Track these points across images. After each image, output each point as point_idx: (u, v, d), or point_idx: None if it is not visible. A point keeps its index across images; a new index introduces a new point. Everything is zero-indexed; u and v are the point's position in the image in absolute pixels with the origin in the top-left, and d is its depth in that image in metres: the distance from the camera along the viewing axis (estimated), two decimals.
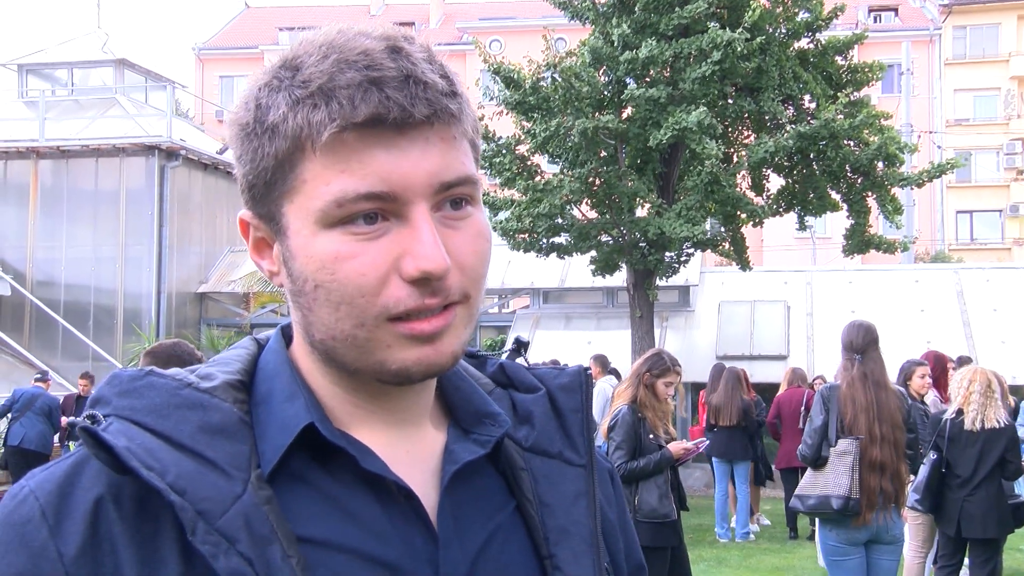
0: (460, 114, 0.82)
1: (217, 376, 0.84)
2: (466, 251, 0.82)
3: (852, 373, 4.90)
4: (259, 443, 0.81)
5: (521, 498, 0.90)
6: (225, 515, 0.75)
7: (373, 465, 0.82)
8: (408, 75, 0.78)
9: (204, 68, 41.57)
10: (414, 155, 0.79)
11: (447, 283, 0.80)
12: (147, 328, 16.31)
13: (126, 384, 0.82)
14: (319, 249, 0.80)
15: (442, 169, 0.80)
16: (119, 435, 0.77)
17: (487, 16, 40.04)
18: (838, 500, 4.79)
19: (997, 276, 15.69)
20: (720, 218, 13.71)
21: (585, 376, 0.99)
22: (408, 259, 0.79)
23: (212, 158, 18.09)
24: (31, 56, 20.14)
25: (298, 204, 0.80)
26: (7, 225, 17.28)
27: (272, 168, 0.81)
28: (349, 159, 0.78)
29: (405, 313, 0.80)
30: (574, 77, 12.37)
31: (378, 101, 0.77)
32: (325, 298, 0.80)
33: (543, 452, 0.93)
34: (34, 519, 0.76)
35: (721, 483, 10.22)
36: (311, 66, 0.79)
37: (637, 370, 5.61)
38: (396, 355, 0.81)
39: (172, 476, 0.76)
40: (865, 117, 12.92)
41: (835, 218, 17.23)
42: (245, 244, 0.89)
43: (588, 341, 14.88)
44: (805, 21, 13.46)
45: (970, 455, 6.04)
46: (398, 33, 0.82)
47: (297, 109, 0.78)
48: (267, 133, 0.80)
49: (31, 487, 0.78)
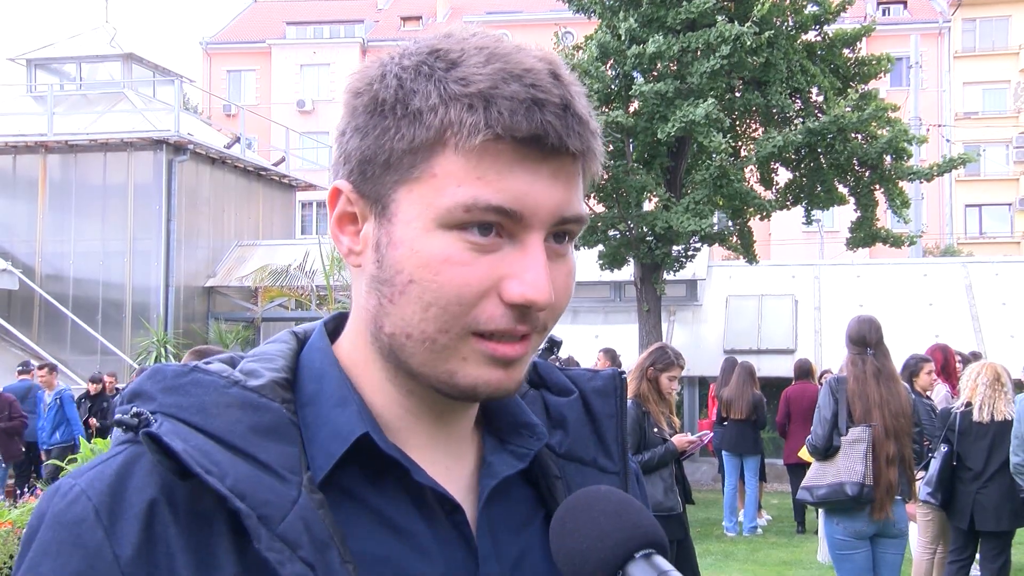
0: (598, 155, 0.81)
1: (263, 374, 0.82)
2: (560, 285, 0.81)
3: (865, 368, 4.89)
4: (308, 447, 0.79)
5: (554, 507, 0.86)
6: (285, 520, 0.74)
7: (425, 479, 0.81)
8: (567, 105, 0.78)
9: (211, 62, 41.59)
10: (551, 183, 0.78)
11: (539, 313, 0.79)
12: (155, 322, 16.36)
13: (171, 380, 0.80)
14: (430, 247, 0.77)
15: (566, 204, 0.79)
16: (174, 436, 0.75)
17: (494, 10, 39.98)
18: (853, 486, 4.76)
19: (1006, 270, 15.63)
20: (728, 212, 13.69)
21: (620, 380, 0.97)
22: (514, 282, 0.77)
23: (220, 152, 18.13)
24: (39, 51, 20.18)
25: (418, 195, 0.78)
26: (16, 219, 17.34)
27: (401, 152, 0.78)
28: (490, 169, 0.76)
29: (492, 332, 0.78)
30: (584, 74, 12.34)
31: (540, 123, 0.76)
32: (417, 295, 0.78)
33: (577, 459, 0.91)
34: (88, 519, 0.73)
35: (731, 477, 10.20)
36: (472, 67, 0.77)
37: (641, 364, 5.62)
38: (470, 370, 0.79)
39: (231, 480, 0.74)
40: (874, 110, 12.87)
41: (843, 212, 17.18)
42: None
43: (596, 335, 14.87)
44: (813, 14, 13.40)
45: (981, 448, 6.04)
46: (556, 58, 0.81)
47: (450, 104, 0.76)
48: (408, 116, 0.77)
49: (82, 486, 0.75)
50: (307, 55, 39.96)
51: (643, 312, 13.70)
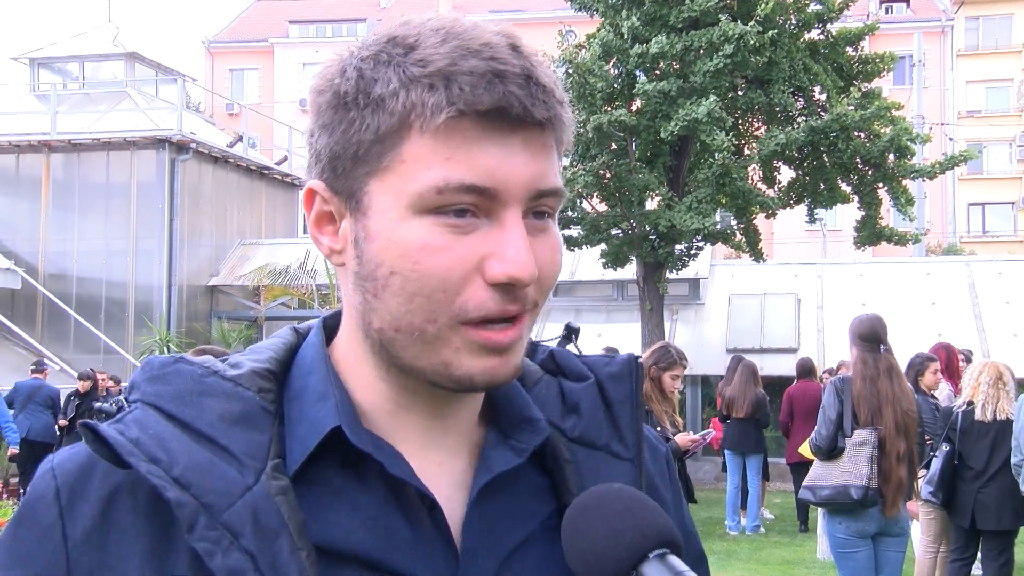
0: (567, 124, 0.80)
1: (244, 364, 0.83)
2: (545, 261, 0.79)
3: (878, 365, 4.86)
4: (288, 441, 0.80)
5: (567, 496, 0.85)
6: (232, 508, 0.74)
7: (400, 470, 0.79)
8: (529, 75, 0.76)
9: (214, 61, 41.62)
10: (522, 156, 0.77)
11: (527, 291, 0.77)
12: (158, 321, 16.38)
13: (156, 370, 0.82)
14: (406, 235, 0.76)
15: (541, 176, 0.78)
16: (132, 425, 0.77)
17: (497, 8, 39.98)
18: (858, 490, 4.74)
19: (1009, 269, 15.61)
20: (732, 210, 13.68)
21: (636, 365, 0.95)
22: (495, 262, 0.76)
23: (222, 151, 18.14)
24: (42, 50, 20.21)
25: (390, 184, 0.77)
26: (19, 218, 17.36)
27: (368, 142, 0.77)
28: (458, 147, 0.75)
29: (482, 319, 0.77)
30: (588, 73, 12.34)
31: (502, 94, 0.74)
32: (400, 287, 0.76)
33: (589, 443, 0.89)
34: (47, 497, 0.77)
35: (733, 476, 10.20)
36: (429, 47, 0.76)
37: (643, 363, 5.61)
38: (464, 361, 0.78)
39: (180, 468, 0.74)
40: (876, 109, 12.86)
41: (845, 211, 17.17)
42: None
43: (598, 334, 14.86)
44: (816, 12, 13.39)
45: (983, 447, 6.03)
46: (513, 31, 0.80)
47: (411, 87, 0.75)
48: (371, 106, 0.76)
49: (53, 464, 0.79)
50: (310, 54, 39.95)
51: (645, 311, 13.70)
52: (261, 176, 19.56)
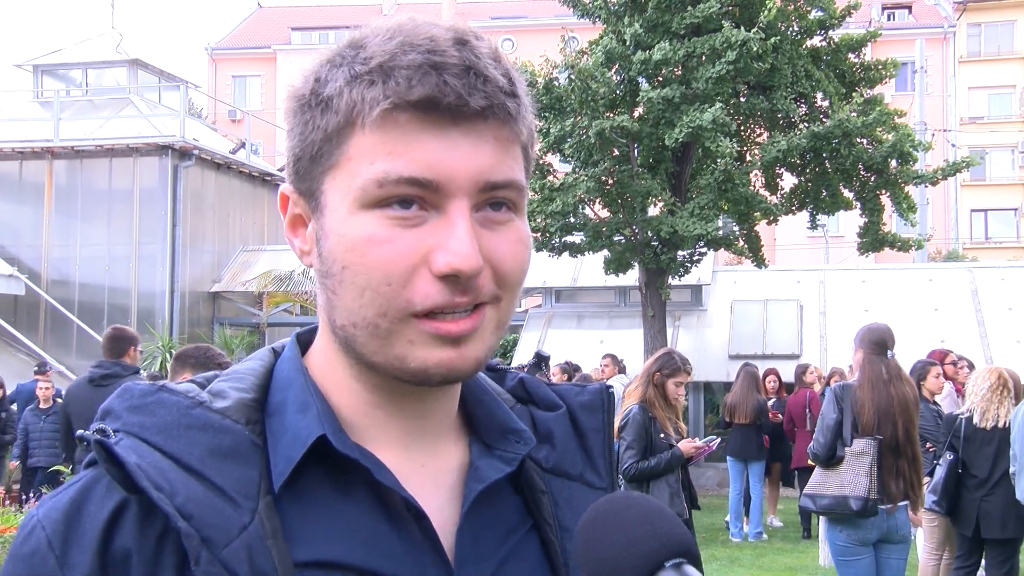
0: (517, 115, 0.80)
1: (230, 395, 0.81)
2: (502, 253, 0.79)
3: (886, 369, 4.85)
4: (271, 456, 0.79)
5: (541, 522, 0.86)
6: (230, 545, 0.73)
7: (386, 478, 0.79)
8: (470, 66, 0.76)
9: (217, 68, 41.71)
10: (465, 148, 0.77)
11: (478, 282, 0.77)
12: (160, 327, 16.38)
13: (137, 399, 0.80)
14: (352, 229, 0.77)
15: (490, 168, 0.78)
16: (130, 452, 0.76)
17: (499, 15, 40.03)
18: (857, 501, 4.73)
19: (1012, 275, 15.59)
20: (735, 216, 13.68)
21: (607, 395, 0.95)
22: (439, 253, 0.76)
23: (225, 158, 18.17)
24: (46, 57, 20.24)
25: (339, 180, 0.78)
26: (22, 225, 17.39)
27: (320, 142, 0.79)
28: (398, 140, 0.76)
29: (432, 310, 0.77)
30: (590, 79, 12.35)
31: (435, 84, 0.75)
32: (351, 281, 0.77)
33: (564, 474, 0.90)
34: (40, 550, 0.75)
35: (736, 482, 10.19)
36: (375, 45, 0.77)
37: (647, 369, 5.61)
38: (417, 353, 0.78)
39: (181, 499, 0.74)
40: (878, 115, 12.86)
41: (848, 217, 17.17)
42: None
43: (600, 340, 14.86)
44: (818, 19, 13.41)
45: (986, 454, 6.00)
46: (468, 28, 0.81)
47: (353, 84, 0.77)
48: (320, 106, 0.78)
49: (39, 517, 0.77)
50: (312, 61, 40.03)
51: (648, 317, 13.69)
52: (264, 182, 19.58)
